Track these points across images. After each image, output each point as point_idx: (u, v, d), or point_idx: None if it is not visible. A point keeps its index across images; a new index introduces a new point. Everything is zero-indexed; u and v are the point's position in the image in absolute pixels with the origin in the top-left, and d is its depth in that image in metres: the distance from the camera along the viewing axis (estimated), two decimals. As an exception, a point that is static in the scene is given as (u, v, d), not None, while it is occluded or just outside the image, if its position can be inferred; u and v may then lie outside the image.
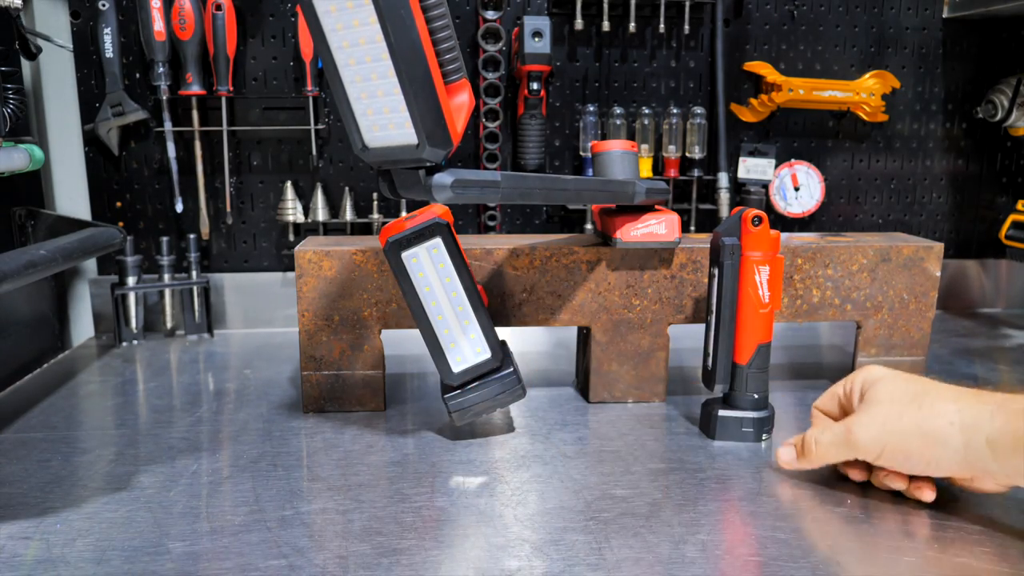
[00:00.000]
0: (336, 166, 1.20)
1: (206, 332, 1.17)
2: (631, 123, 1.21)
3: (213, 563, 0.56)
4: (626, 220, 0.80)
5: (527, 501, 0.65)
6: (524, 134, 1.17)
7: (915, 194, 1.32)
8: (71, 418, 0.85)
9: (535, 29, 1.11)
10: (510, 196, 0.67)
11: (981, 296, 1.35)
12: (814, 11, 1.23)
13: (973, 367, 1.03)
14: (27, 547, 0.58)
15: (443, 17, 0.60)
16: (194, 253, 1.15)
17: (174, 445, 0.77)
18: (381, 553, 0.57)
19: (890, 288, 0.88)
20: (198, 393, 0.92)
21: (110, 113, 1.11)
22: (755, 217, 0.73)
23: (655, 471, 0.71)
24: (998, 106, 1.24)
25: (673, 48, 1.22)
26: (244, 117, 1.16)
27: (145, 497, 0.66)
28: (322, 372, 0.84)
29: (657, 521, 0.62)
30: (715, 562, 0.56)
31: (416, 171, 0.64)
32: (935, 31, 1.26)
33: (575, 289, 0.85)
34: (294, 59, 1.15)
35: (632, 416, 0.84)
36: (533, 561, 0.56)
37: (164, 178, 1.16)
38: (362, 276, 0.82)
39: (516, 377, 0.76)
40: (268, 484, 0.68)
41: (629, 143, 0.79)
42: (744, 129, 1.26)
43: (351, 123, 0.65)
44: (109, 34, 1.09)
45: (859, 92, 1.24)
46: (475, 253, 0.83)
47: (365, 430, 0.80)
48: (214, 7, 1.08)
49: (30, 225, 1.06)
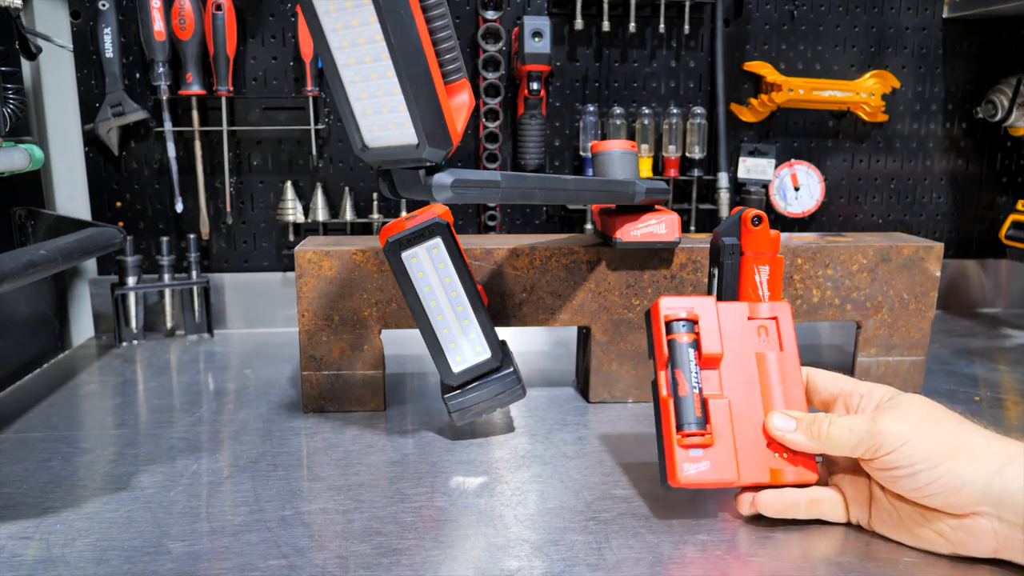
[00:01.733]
0: (336, 166, 1.20)
1: (206, 332, 1.17)
2: (631, 123, 1.21)
3: (213, 563, 0.56)
4: (626, 220, 0.80)
5: (527, 501, 0.65)
6: (524, 134, 1.17)
7: (915, 194, 1.32)
8: (71, 418, 0.85)
9: (535, 29, 1.11)
10: (510, 196, 0.67)
11: (981, 296, 1.35)
12: (814, 11, 1.23)
13: (973, 367, 1.03)
14: (27, 547, 0.58)
15: (443, 17, 0.60)
16: (194, 253, 1.15)
17: (174, 445, 0.77)
18: (381, 553, 0.57)
19: (890, 288, 0.88)
20: (198, 393, 0.92)
21: (110, 113, 1.11)
22: (755, 217, 0.73)
23: (655, 471, 0.71)
24: (998, 106, 1.24)
25: (673, 48, 1.22)
26: (244, 117, 1.16)
27: (145, 497, 0.66)
28: (322, 372, 0.84)
29: (657, 521, 0.62)
30: (715, 562, 0.56)
31: (416, 171, 0.64)
32: (935, 31, 1.26)
33: (575, 289, 0.85)
34: (294, 59, 1.15)
35: (632, 416, 0.84)
36: (533, 561, 0.56)
37: (164, 178, 1.16)
38: (362, 276, 0.82)
39: (516, 377, 0.76)
40: (268, 484, 0.68)
41: (629, 143, 0.79)
42: (744, 129, 1.26)
43: (351, 123, 0.64)
44: (109, 34, 1.09)
45: (859, 92, 1.24)
46: (475, 253, 0.83)
47: (365, 430, 0.80)
48: (214, 7, 1.08)
49: (30, 225, 1.06)
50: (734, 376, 0.63)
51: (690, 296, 0.65)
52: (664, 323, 0.63)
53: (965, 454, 0.53)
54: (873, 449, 0.56)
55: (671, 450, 0.60)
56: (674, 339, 0.63)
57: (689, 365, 0.62)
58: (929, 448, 0.54)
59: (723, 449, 0.60)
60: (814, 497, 0.61)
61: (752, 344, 0.64)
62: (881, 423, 0.56)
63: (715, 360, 0.63)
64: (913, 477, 0.54)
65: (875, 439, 0.55)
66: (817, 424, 0.59)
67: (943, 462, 0.53)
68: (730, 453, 0.60)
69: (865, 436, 0.56)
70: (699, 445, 0.60)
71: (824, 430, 0.58)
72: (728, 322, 0.64)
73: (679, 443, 0.60)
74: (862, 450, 0.56)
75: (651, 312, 0.65)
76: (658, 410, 0.63)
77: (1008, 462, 0.52)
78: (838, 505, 0.61)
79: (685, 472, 0.59)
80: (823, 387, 0.64)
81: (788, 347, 0.64)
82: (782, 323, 0.65)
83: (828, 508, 0.61)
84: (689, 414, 0.60)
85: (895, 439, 0.55)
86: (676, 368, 0.62)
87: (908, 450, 0.54)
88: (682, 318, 0.63)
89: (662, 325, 0.63)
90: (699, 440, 0.60)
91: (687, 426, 0.60)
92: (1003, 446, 0.54)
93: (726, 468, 0.60)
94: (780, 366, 0.63)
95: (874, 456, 0.56)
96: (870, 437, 0.56)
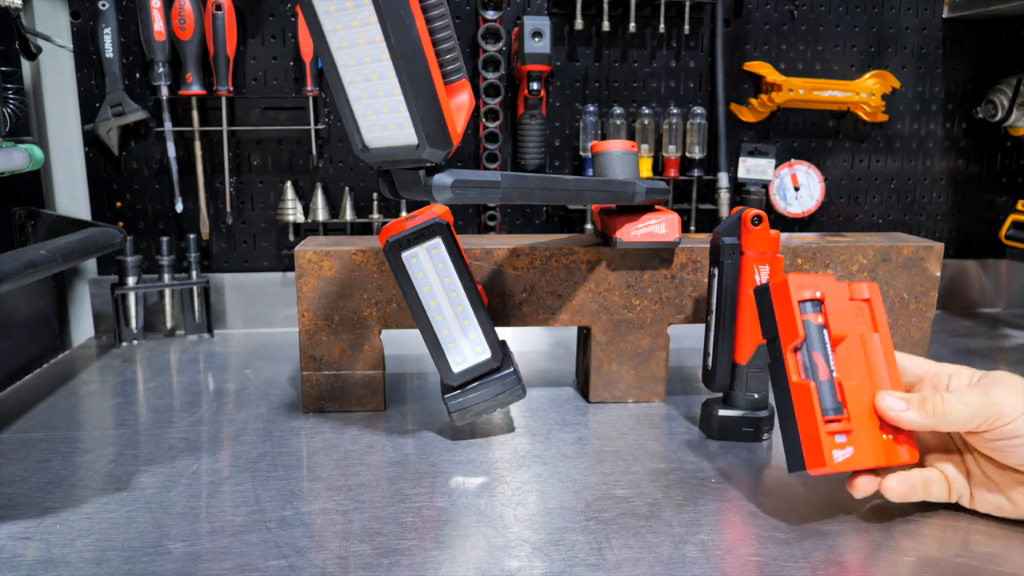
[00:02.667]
0: (336, 166, 1.20)
1: (206, 332, 1.17)
2: (631, 123, 1.21)
3: (213, 563, 0.56)
4: (626, 220, 0.80)
5: (527, 501, 0.65)
6: (524, 134, 1.17)
7: (915, 194, 1.32)
8: (71, 418, 0.85)
9: (535, 29, 1.11)
10: (510, 196, 0.67)
11: (981, 296, 1.35)
12: (814, 11, 1.23)
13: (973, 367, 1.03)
14: (27, 547, 0.58)
15: (443, 17, 0.60)
16: (194, 253, 1.15)
17: (174, 445, 0.77)
18: (381, 553, 0.57)
19: (890, 288, 0.88)
20: (198, 393, 0.92)
21: (110, 113, 1.11)
22: (755, 217, 0.73)
23: (655, 471, 0.71)
24: (998, 106, 1.24)
25: (673, 48, 1.22)
26: (244, 117, 1.16)
27: (145, 497, 0.66)
28: (322, 372, 0.84)
29: (657, 521, 0.62)
30: (715, 562, 0.56)
31: (416, 171, 0.64)
32: (935, 31, 1.26)
33: (575, 289, 0.85)
34: (294, 59, 1.15)
35: (632, 416, 0.84)
36: (533, 561, 0.56)
37: (164, 178, 1.16)
38: (362, 276, 0.82)
39: (516, 377, 0.76)
40: (268, 484, 0.68)
41: (629, 143, 0.79)
42: (744, 129, 1.26)
43: (351, 123, 0.64)
44: (109, 34, 1.09)
45: (859, 92, 1.24)
46: (475, 253, 0.83)
47: (365, 430, 0.80)
48: (214, 7, 1.08)
49: (30, 225, 1.06)
50: (849, 357, 0.62)
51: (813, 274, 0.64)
52: (798, 302, 0.61)
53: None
54: (991, 420, 0.56)
55: (816, 437, 0.58)
56: (809, 320, 0.61)
57: (826, 348, 0.61)
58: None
59: (862, 434, 0.59)
60: (927, 478, 0.62)
61: (856, 325, 0.63)
62: (995, 395, 0.57)
63: (839, 341, 0.62)
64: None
65: (992, 410, 0.56)
66: (930, 401, 0.59)
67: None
68: (868, 437, 0.59)
69: (982, 408, 0.57)
70: (842, 431, 0.59)
71: (939, 406, 0.58)
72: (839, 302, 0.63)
73: (825, 430, 0.58)
74: (978, 421, 0.57)
75: (773, 289, 0.63)
76: (787, 395, 0.61)
77: None
78: (943, 485, 0.62)
79: (835, 459, 0.58)
80: (909, 369, 0.64)
81: (883, 328, 0.63)
82: (875, 304, 0.64)
83: (936, 488, 0.62)
84: (830, 399, 0.59)
85: (1013, 409, 0.56)
86: (813, 350, 0.60)
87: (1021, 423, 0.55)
88: (814, 298, 0.61)
89: (795, 304, 0.61)
90: (841, 426, 0.59)
91: (829, 412, 0.59)
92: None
93: (869, 453, 0.59)
94: (881, 348, 0.63)
95: (991, 427, 0.57)
96: (987, 408, 0.56)
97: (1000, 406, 0.56)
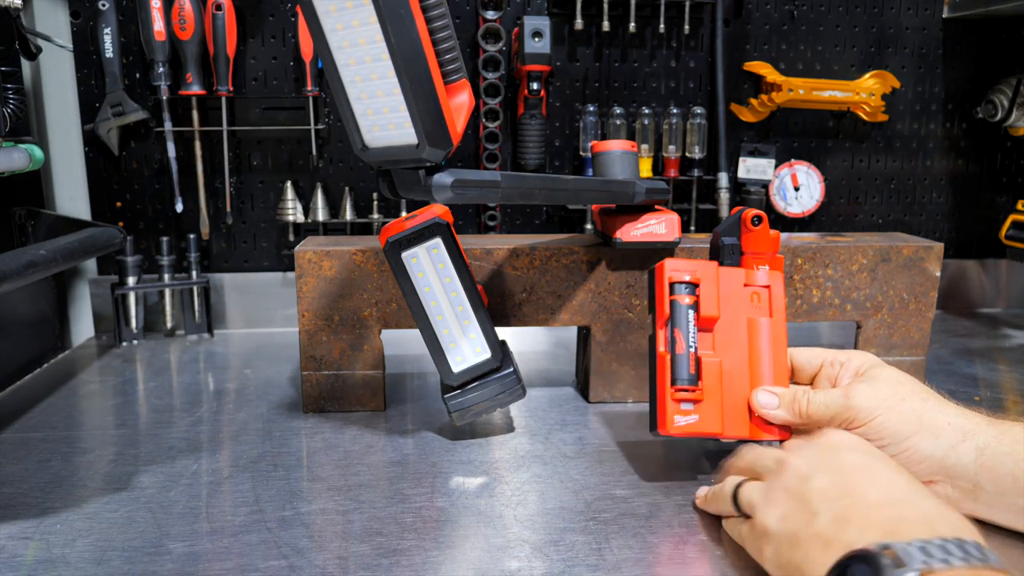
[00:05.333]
0: (336, 166, 1.20)
1: (206, 332, 1.17)
2: (631, 123, 1.21)
3: (213, 563, 0.56)
4: (626, 220, 0.80)
5: (527, 501, 0.65)
6: (524, 134, 1.17)
7: (915, 194, 1.32)
8: (71, 418, 0.85)
9: (535, 29, 1.11)
10: (510, 196, 0.67)
11: (981, 296, 1.35)
12: (814, 11, 1.23)
13: (973, 367, 1.03)
14: (27, 547, 0.58)
15: (443, 17, 0.60)
16: (194, 253, 1.15)
17: (174, 445, 0.77)
18: (381, 554, 0.57)
19: (890, 288, 0.88)
20: (198, 393, 0.92)
21: (110, 113, 1.11)
22: (755, 217, 0.73)
23: (655, 471, 0.71)
24: (998, 106, 1.24)
25: (673, 48, 1.22)
26: (244, 117, 1.16)
27: (145, 497, 0.66)
28: (322, 372, 0.84)
29: (657, 521, 0.62)
30: (715, 562, 0.56)
31: (416, 171, 0.64)
32: (935, 31, 1.26)
33: (575, 289, 0.85)
34: (294, 59, 1.15)
35: (632, 416, 0.84)
36: (533, 562, 0.56)
37: (164, 178, 1.16)
38: (362, 276, 0.82)
39: (516, 377, 0.76)
40: (268, 484, 0.68)
41: (629, 143, 0.79)
42: (744, 129, 1.26)
43: (351, 123, 0.65)
44: (109, 34, 1.09)
45: (859, 92, 1.24)
46: (475, 253, 0.83)
47: (365, 430, 0.80)
48: (214, 7, 1.08)
49: (30, 225, 1.06)
50: (726, 337, 0.67)
51: (694, 260, 0.70)
52: (668, 284, 0.67)
53: (927, 431, 0.59)
54: (847, 423, 0.61)
55: (663, 402, 0.65)
56: (676, 300, 0.67)
57: (688, 326, 0.66)
58: (894, 425, 0.59)
59: (712, 405, 0.65)
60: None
61: (745, 309, 0.68)
62: (853, 399, 0.61)
63: (711, 322, 0.67)
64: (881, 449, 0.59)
65: (847, 413, 0.61)
66: (797, 401, 0.63)
67: (907, 439, 0.59)
68: (718, 409, 0.65)
69: (840, 411, 0.61)
70: (690, 399, 0.65)
71: (804, 407, 0.63)
72: (726, 286, 0.68)
73: (672, 397, 0.65)
74: (838, 423, 0.61)
75: (655, 272, 0.69)
76: (653, 364, 0.67)
77: (963, 438, 0.58)
78: None
79: (676, 423, 0.64)
80: (806, 363, 0.68)
81: (778, 314, 0.68)
82: (774, 291, 0.69)
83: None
84: (683, 370, 0.65)
85: (864, 415, 0.60)
86: (675, 327, 0.66)
87: (876, 425, 0.60)
88: (685, 280, 0.67)
89: (666, 286, 0.67)
90: (690, 395, 0.65)
91: (680, 381, 0.65)
92: (961, 422, 0.59)
93: (712, 422, 0.65)
94: (770, 331, 0.68)
95: (848, 428, 0.61)
96: (844, 411, 0.61)
97: (854, 411, 0.60)
